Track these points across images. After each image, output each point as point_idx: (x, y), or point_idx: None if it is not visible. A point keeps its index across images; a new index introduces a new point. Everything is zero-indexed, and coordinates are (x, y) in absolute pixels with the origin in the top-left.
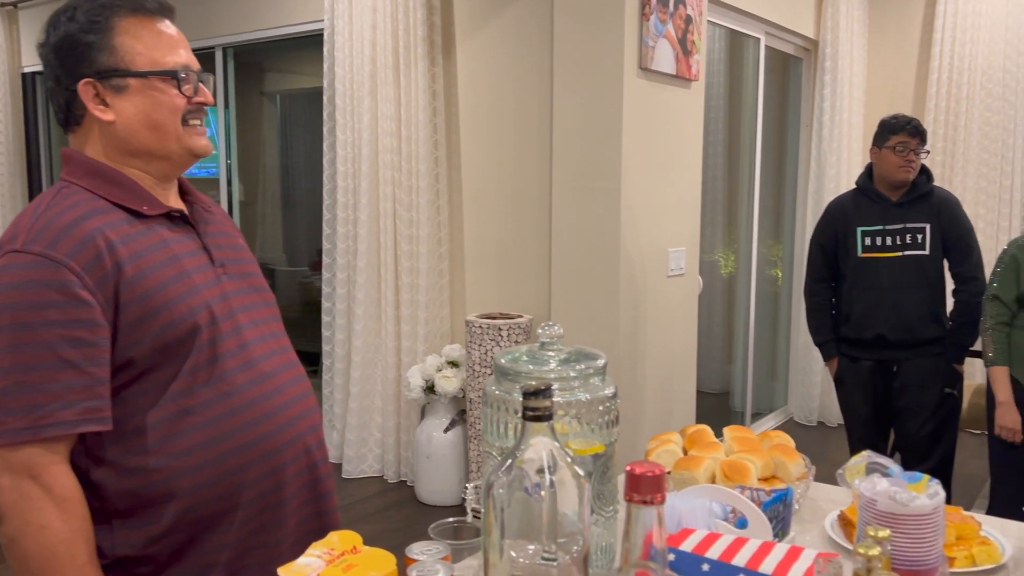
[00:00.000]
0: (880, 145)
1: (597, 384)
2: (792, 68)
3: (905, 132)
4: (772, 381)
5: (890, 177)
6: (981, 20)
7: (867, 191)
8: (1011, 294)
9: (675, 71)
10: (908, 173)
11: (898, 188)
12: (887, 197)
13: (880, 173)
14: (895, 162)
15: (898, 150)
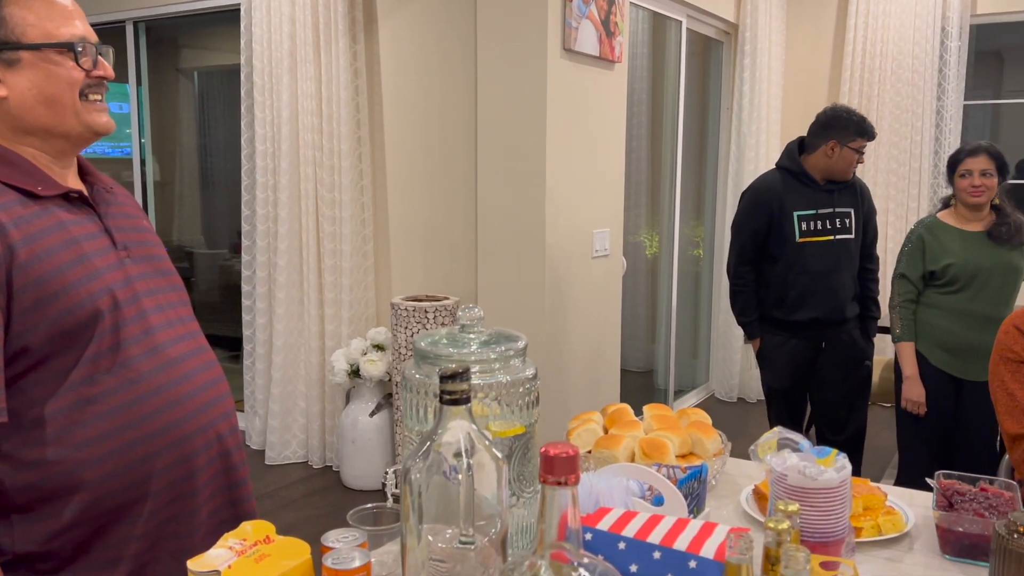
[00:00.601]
0: (844, 142)
1: (517, 366)
2: (713, 51)
3: (866, 137)
4: (694, 359)
5: (839, 173)
6: (892, 8)
7: (798, 175)
8: (917, 272)
9: (598, 53)
10: (850, 175)
11: (828, 176)
12: (816, 182)
13: (827, 165)
14: (849, 161)
15: (859, 152)
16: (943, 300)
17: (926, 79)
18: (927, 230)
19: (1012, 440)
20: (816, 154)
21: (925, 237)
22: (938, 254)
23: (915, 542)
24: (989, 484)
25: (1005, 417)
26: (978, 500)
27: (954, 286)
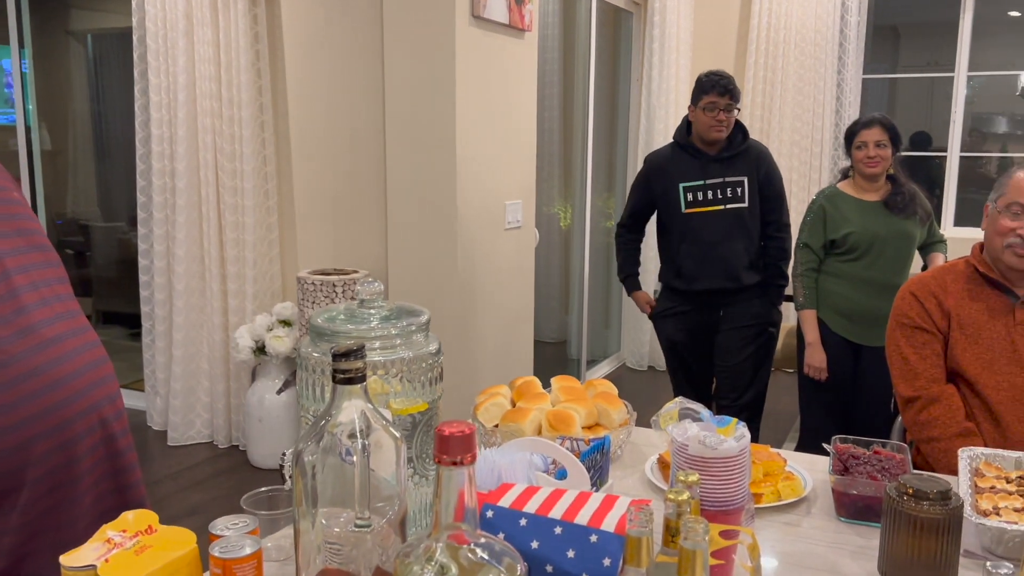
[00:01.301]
0: (695, 103)
1: (420, 341)
2: (623, 22)
3: (714, 92)
4: (606, 329)
5: (703, 135)
6: None
7: (686, 146)
8: (819, 242)
9: (508, 20)
10: (719, 132)
11: (714, 144)
12: (705, 152)
13: (696, 130)
14: (706, 121)
15: (707, 110)
16: (843, 268)
17: (827, 53)
18: (827, 200)
19: (905, 403)
20: (692, 125)
21: (825, 207)
22: (838, 223)
23: (813, 506)
24: (882, 447)
25: (899, 381)
26: (871, 463)
27: (853, 254)
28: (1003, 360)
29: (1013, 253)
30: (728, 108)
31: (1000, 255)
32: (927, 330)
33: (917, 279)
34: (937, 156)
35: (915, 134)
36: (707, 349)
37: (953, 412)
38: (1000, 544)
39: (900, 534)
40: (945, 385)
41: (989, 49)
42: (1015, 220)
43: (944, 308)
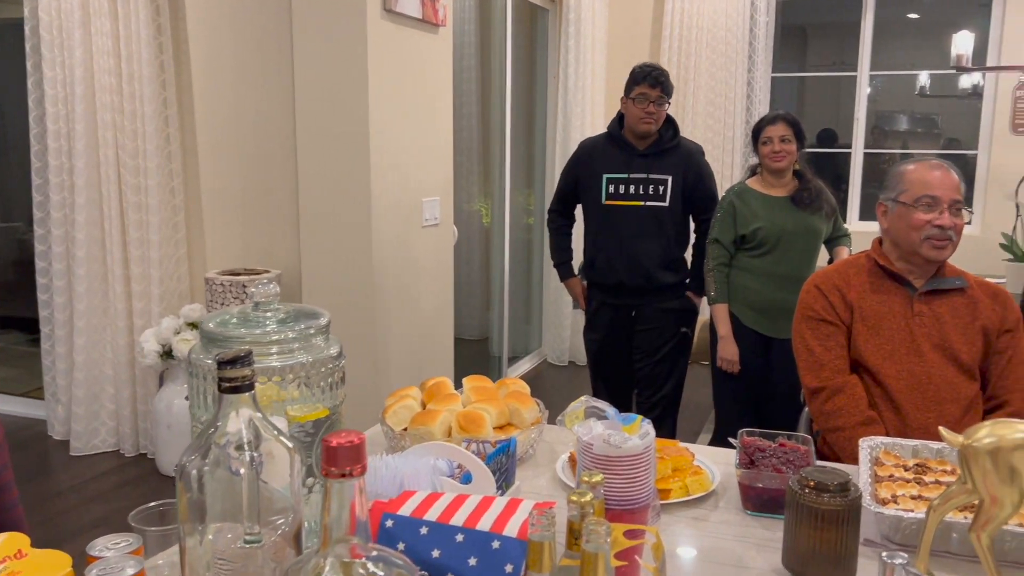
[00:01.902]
0: (626, 95)
1: (320, 344)
2: (539, 18)
3: (646, 83)
4: (527, 325)
5: (633, 128)
6: None
7: (616, 138)
8: (729, 237)
9: (421, 15)
10: (648, 124)
11: (644, 138)
12: (634, 146)
13: (627, 123)
14: (636, 113)
15: (638, 101)
16: (752, 263)
17: (738, 51)
18: (737, 196)
19: (811, 393)
20: (625, 117)
21: (735, 203)
22: (747, 219)
23: (720, 500)
24: (788, 439)
25: (805, 372)
26: (777, 456)
27: (762, 249)
28: (903, 350)
29: (932, 245)
30: (659, 101)
31: (918, 249)
32: (831, 322)
33: (821, 273)
34: (842, 152)
35: (822, 131)
36: (625, 346)
37: (856, 401)
38: (898, 531)
39: (802, 526)
40: (849, 376)
41: (891, 50)
42: (929, 212)
43: (847, 301)
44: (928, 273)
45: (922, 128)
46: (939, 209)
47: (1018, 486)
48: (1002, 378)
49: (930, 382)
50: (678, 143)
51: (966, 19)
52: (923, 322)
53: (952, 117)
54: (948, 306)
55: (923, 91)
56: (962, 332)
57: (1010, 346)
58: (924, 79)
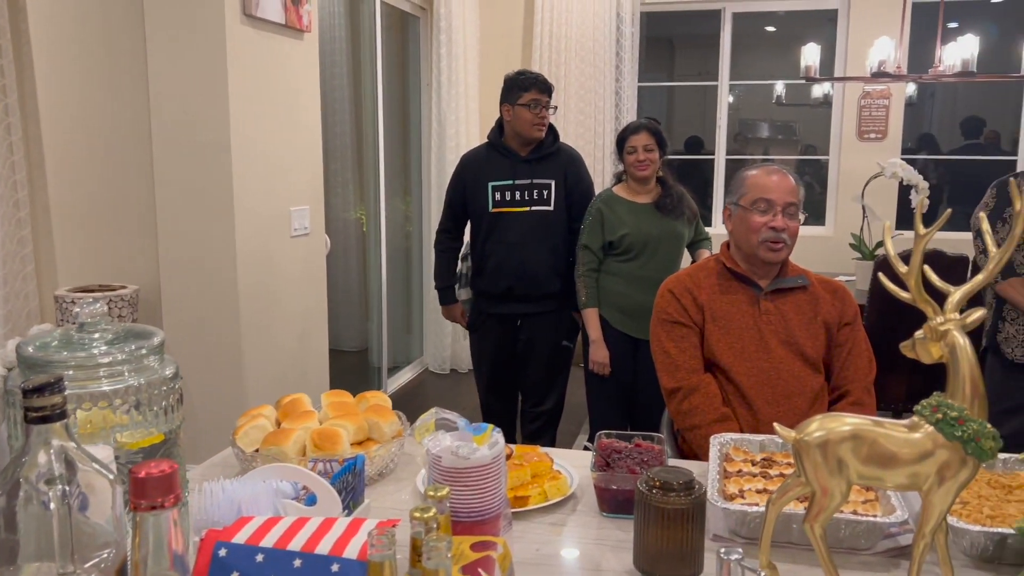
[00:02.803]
0: (512, 102)
1: (153, 365)
2: (410, 26)
3: (535, 89)
4: (408, 334)
5: (524, 134)
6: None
7: (498, 147)
8: (598, 243)
9: (284, 20)
10: (540, 130)
11: (528, 144)
12: (517, 152)
13: (513, 130)
14: (529, 119)
15: (531, 107)
16: (620, 267)
17: (606, 61)
18: (604, 203)
19: (668, 394)
20: (505, 124)
21: (603, 210)
22: (614, 225)
23: (579, 503)
24: (643, 440)
25: (663, 373)
26: (632, 456)
27: (629, 254)
28: (752, 348)
29: (767, 248)
30: (548, 106)
31: (756, 251)
32: (684, 324)
33: (674, 277)
34: (708, 159)
35: (689, 139)
36: (511, 356)
37: (711, 400)
38: (744, 525)
39: (650, 526)
40: (703, 375)
41: (752, 61)
42: (764, 215)
43: (698, 303)
44: (772, 273)
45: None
46: (773, 212)
47: (846, 477)
48: (844, 369)
49: (779, 377)
50: (559, 148)
51: (816, 33)
52: (770, 320)
53: (808, 124)
54: (792, 303)
55: (779, 100)
56: (806, 327)
57: (849, 339)
58: (780, 89)
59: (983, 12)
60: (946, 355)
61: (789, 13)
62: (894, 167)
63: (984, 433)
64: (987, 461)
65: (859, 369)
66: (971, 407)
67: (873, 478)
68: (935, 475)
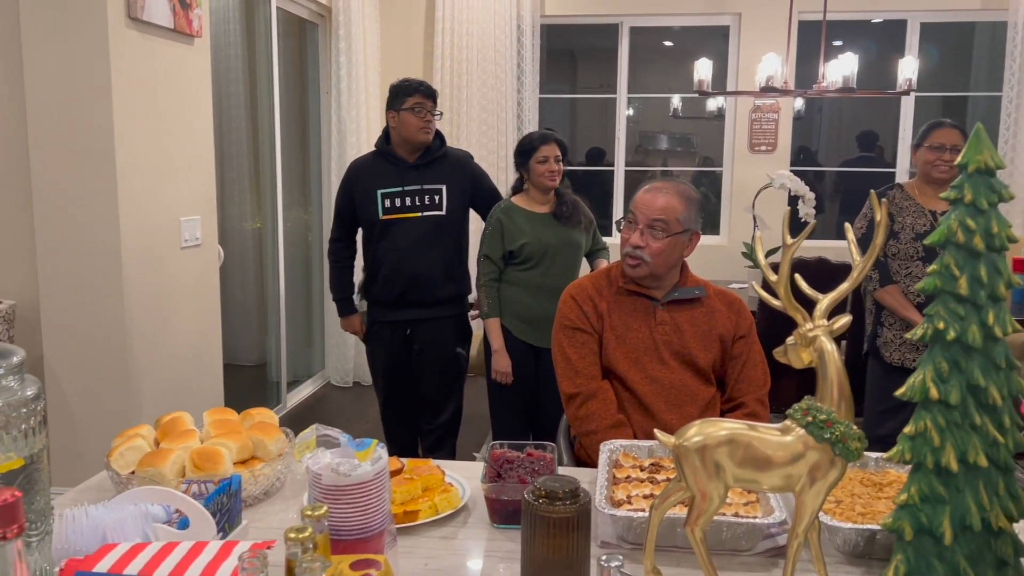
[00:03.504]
0: (397, 108)
1: (12, 386)
2: (308, 33)
3: (420, 94)
4: (308, 347)
5: (412, 139)
6: (474, 3)
7: (385, 154)
8: (498, 253)
9: (173, 25)
10: (428, 134)
11: (416, 150)
12: (405, 159)
13: (401, 136)
14: (415, 124)
15: (417, 111)
16: (521, 276)
17: (507, 72)
18: (503, 213)
19: (567, 399)
20: (392, 131)
21: (502, 220)
22: (514, 235)
23: (470, 515)
24: (535, 449)
25: (562, 379)
26: (524, 466)
27: (529, 263)
28: (647, 357)
29: (627, 263)
30: (432, 111)
31: (622, 264)
32: (585, 330)
33: (577, 284)
34: (608, 171)
35: (591, 149)
36: (407, 365)
37: (607, 406)
38: (631, 531)
39: (537, 536)
40: (602, 381)
41: (651, 74)
42: (628, 231)
43: (599, 310)
44: (668, 284)
45: (680, 147)
46: (634, 228)
47: (723, 480)
48: (738, 382)
49: (671, 386)
50: (446, 152)
51: (711, 48)
52: (664, 331)
53: (705, 137)
54: (688, 315)
55: (676, 113)
56: (700, 340)
57: (744, 351)
58: (677, 102)
59: (864, 31)
60: (815, 360)
61: (685, 28)
62: (782, 179)
63: (850, 434)
64: (853, 461)
65: (753, 381)
66: (839, 410)
67: (749, 481)
68: (807, 476)
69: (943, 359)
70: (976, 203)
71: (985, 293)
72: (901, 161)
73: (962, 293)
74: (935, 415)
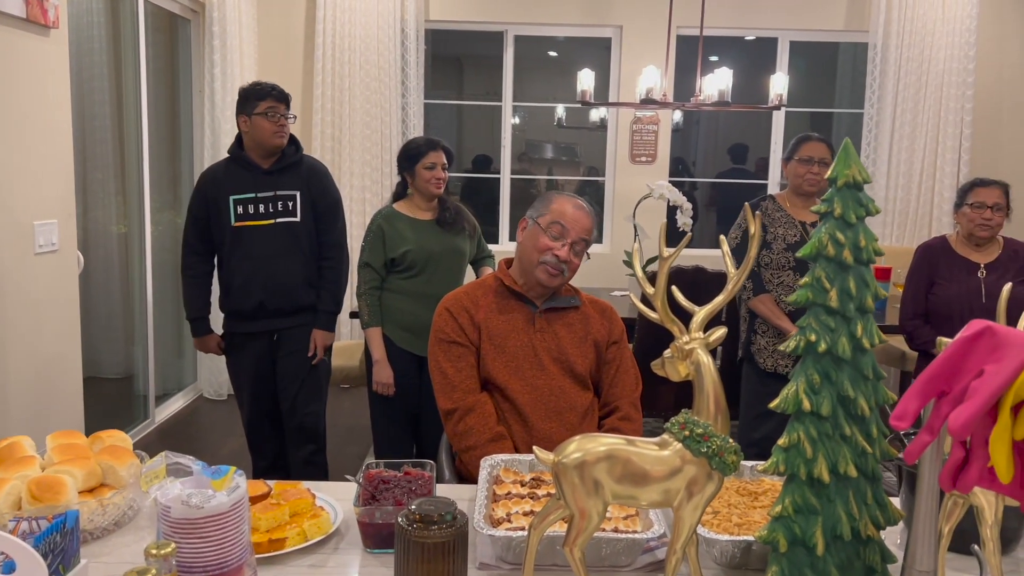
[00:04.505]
0: (249, 113)
1: None
2: (180, 28)
3: (272, 98)
4: (180, 359)
5: (265, 144)
6: (357, 4)
7: (238, 159)
8: (379, 261)
9: (25, 14)
10: (283, 139)
11: (270, 155)
12: (258, 165)
13: (254, 141)
14: (269, 128)
15: (270, 116)
16: (404, 284)
17: (391, 76)
18: (385, 220)
19: (445, 416)
20: (244, 136)
21: (384, 227)
22: (396, 242)
23: (343, 540)
24: (413, 467)
25: (440, 394)
26: (400, 486)
27: (412, 271)
28: (527, 365)
29: (545, 271)
30: (286, 115)
31: (533, 269)
32: (461, 343)
33: (452, 295)
34: (494, 178)
35: (477, 156)
36: (270, 379)
37: (486, 419)
38: (510, 551)
39: (411, 561)
40: (480, 394)
41: (536, 83)
42: (554, 241)
43: (475, 321)
44: (547, 293)
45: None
46: (563, 241)
47: (602, 497)
48: (612, 386)
49: (551, 393)
50: (301, 158)
51: (594, 59)
52: (544, 338)
53: (589, 147)
54: (565, 322)
55: (560, 123)
56: (577, 346)
57: (617, 356)
58: (561, 111)
59: (737, 47)
60: (692, 373)
61: (569, 39)
62: (662, 189)
63: (727, 448)
64: (730, 474)
65: (626, 386)
66: (715, 423)
67: (628, 497)
68: (684, 490)
69: (815, 371)
70: (845, 217)
71: (854, 305)
72: (773, 173)
73: (832, 305)
74: (807, 426)
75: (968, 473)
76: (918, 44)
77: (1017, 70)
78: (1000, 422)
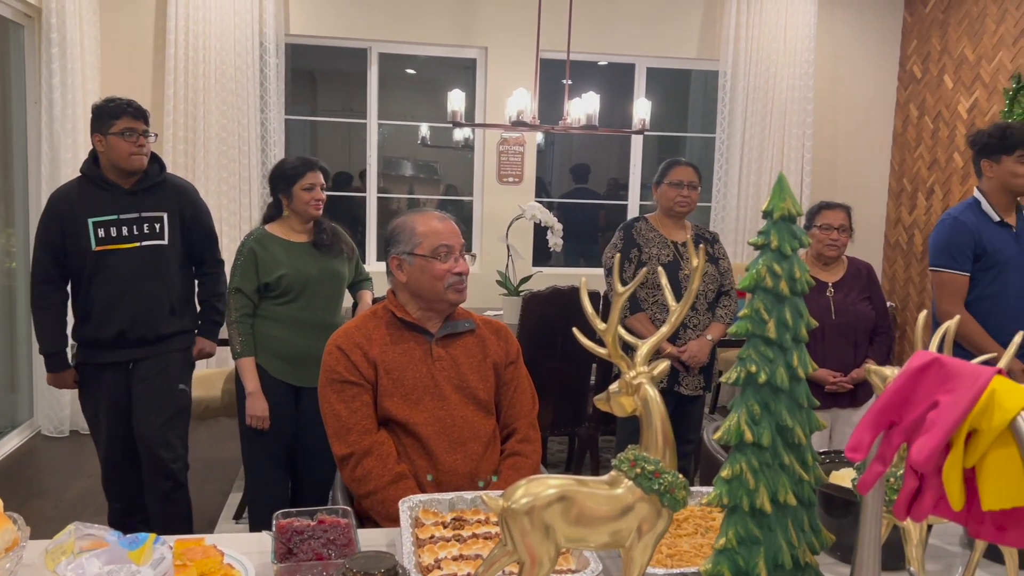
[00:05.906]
0: (104, 132)
1: None
2: (13, 34)
3: (128, 116)
4: (13, 393)
5: (123, 165)
6: (212, 15)
7: (95, 179)
8: (252, 286)
9: None
10: (142, 159)
11: (131, 176)
12: (119, 184)
13: (110, 161)
14: (126, 149)
15: (126, 136)
16: (279, 311)
17: (249, 91)
18: (257, 243)
19: (341, 461)
20: (100, 156)
21: (256, 250)
22: (270, 266)
23: None
24: (327, 514)
25: (334, 439)
26: (317, 536)
27: (288, 296)
28: (428, 397)
29: (455, 290)
30: (146, 133)
31: (443, 296)
32: (355, 383)
33: (342, 331)
34: (358, 196)
35: (338, 174)
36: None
37: (385, 460)
38: None
39: None
40: (376, 435)
41: (395, 100)
42: (446, 262)
43: (370, 358)
44: (442, 319)
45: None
46: (454, 257)
47: (554, 541)
48: (511, 407)
49: (454, 424)
50: (165, 178)
51: (455, 79)
52: (443, 366)
53: (449, 165)
54: (462, 348)
55: (424, 141)
56: (477, 370)
57: (514, 377)
58: (424, 130)
59: (596, 72)
60: (640, 408)
61: (430, 58)
62: (533, 210)
63: (677, 484)
64: (679, 510)
65: (524, 406)
66: (664, 458)
67: (578, 539)
68: (635, 530)
69: (755, 401)
70: (781, 249)
71: (790, 336)
72: (632, 194)
73: (771, 336)
74: (749, 457)
75: (922, 502)
76: (763, 73)
77: (850, 99)
78: (954, 452)
